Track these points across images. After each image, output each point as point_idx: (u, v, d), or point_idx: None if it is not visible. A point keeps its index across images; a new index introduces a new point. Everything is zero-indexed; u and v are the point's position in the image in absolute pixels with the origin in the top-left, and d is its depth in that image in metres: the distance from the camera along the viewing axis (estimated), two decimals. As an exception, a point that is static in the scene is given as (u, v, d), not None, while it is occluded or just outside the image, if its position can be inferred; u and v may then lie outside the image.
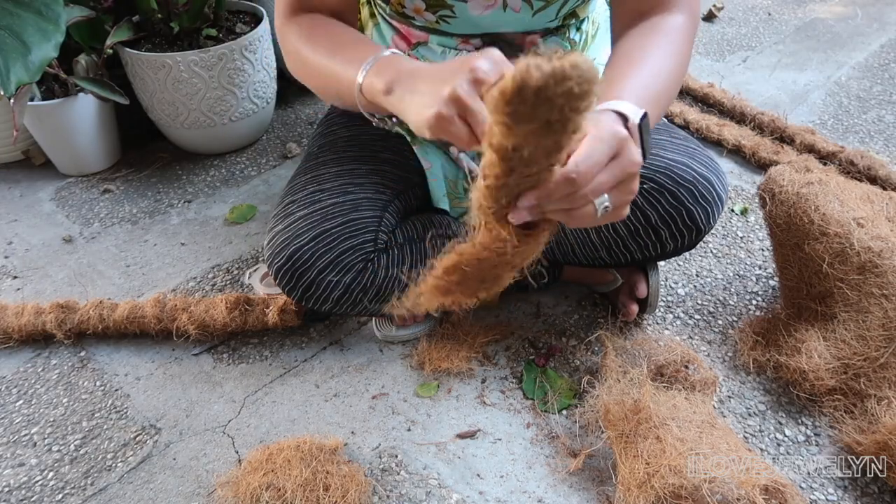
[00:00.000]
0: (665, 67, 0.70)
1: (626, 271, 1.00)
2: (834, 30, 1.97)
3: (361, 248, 0.84)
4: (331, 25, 0.78)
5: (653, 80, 0.68)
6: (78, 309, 1.02)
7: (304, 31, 0.78)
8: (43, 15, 1.09)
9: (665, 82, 0.70)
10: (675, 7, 0.75)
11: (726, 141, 1.40)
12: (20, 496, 0.82)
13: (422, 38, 0.88)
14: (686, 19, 0.75)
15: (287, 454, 0.79)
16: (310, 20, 0.79)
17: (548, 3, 0.80)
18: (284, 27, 0.80)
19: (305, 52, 0.76)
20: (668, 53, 0.71)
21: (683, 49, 0.74)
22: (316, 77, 0.76)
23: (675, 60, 0.72)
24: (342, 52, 0.72)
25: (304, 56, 0.76)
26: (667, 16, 0.74)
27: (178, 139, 1.46)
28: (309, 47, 0.76)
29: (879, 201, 0.94)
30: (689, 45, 0.75)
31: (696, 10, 0.77)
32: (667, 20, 0.74)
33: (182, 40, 1.37)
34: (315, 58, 0.74)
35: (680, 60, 0.73)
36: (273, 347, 1.01)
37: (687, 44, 0.75)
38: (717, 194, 0.83)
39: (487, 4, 0.79)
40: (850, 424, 0.83)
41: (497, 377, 0.95)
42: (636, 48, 0.72)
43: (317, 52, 0.74)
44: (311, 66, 0.76)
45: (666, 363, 0.90)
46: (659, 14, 0.75)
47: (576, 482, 0.81)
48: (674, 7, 0.75)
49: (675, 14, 0.75)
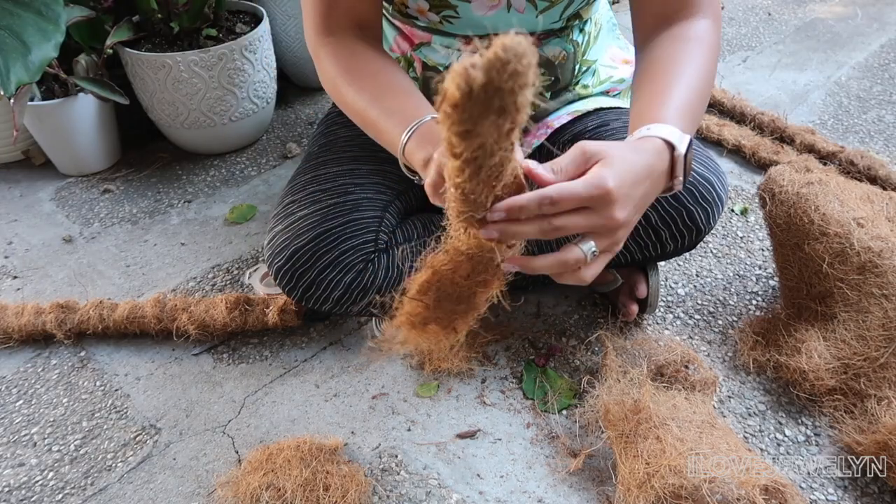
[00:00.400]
0: (700, 80, 0.69)
1: (626, 271, 1.00)
2: (834, 30, 1.97)
3: (362, 249, 0.84)
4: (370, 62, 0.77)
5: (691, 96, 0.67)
6: (78, 309, 1.02)
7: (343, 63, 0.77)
8: (43, 15, 1.09)
9: (701, 96, 0.69)
10: (698, 11, 0.73)
11: (726, 141, 1.40)
12: (20, 496, 0.82)
13: (425, 39, 0.88)
14: (711, 23, 0.74)
15: (287, 454, 0.79)
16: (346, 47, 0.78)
17: (552, 4, 0.80)
18: (319, 48, 0.79)
19: (345, 90, 0.76)
20: (701, 65, 0.70)
21: (713, 56, 0.72)
22: (355, 117, 0.77)
23: (708, 70, 0.71)
24: (382, 100, 0.73)
25: (344, 94, 0.76)
26: (693, 21, 0.73)
27: (178, 139, 1.46)
28: (349, 86, 0.76)
29: (879, 201, 0.94)
30: (717, 51, 0.74)
31: (718, 11, 0.75)
32: (693, 26, 0.73)
33: (182, 40, 1.37)
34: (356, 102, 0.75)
35: (711, 68, 0.72)
36: (273, 347, 1.01)
37: (716, 50, 0.73)
38: (717, 195, 0.83)
39: (491, 5, 0.79)
40: (850, 424, 0.83)
41: (497, 377, 0.95)
42: (670, 61, 0.70)
43: (359, 95, 0.75)
44: (352, 107, 0.76)
45: (666, 363, 0.90)
46: (684, 19, 0.73)
47: (576, 482, 0.81)
48: (697, 11, 0.73)
49: (700, 18, 0.73)
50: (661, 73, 0.69)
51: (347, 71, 0.76)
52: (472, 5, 0.79)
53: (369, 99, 0.74)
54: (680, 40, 0.72)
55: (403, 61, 0.92)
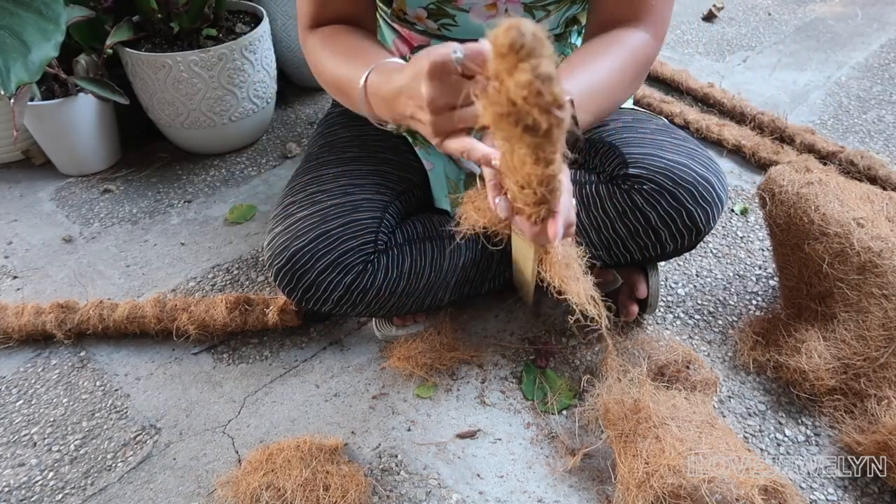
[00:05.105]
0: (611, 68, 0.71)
1: (626, 271, 1.00)
2: (834, 30, 1.97)
3: (362, 250, 0.84)
4: (348, 34, 0.78)
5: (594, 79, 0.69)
6: (78, 309, 1.02)
7: (324, 39, 0.78)
8: (43, 15, 1.09)
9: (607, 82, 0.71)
10: (642, 24, 0.77)
11: (726, 141, 1.40)
12: (20, 496, 0.82)
13: (423, 42, 0.88)
14: (649, 38, 0.77)
15: (287, 454, 0.79)
16: (330, 30, 0.79)
17: (549, 14, 0.80)
18: (307, 40, 0.80)
19: (322, 58, 0.77)
20: (613, 62, 0.72)
21: (638, 60, 0.75)
22: (331, 84, 0.77)
23: (625, 68, 0.73)
24: (354, 59, 0.73)
25: (322, 62, 0.77)
26: (630, 29, 0.76)
27: (178, 139, 1.46)
28: (326, 53, 0.76)
29: (879, 201, 0.94)
30: (646, 59, 0.77)
31: (661, 33, 0.78)
32: (627, 34, 0.76)
33: (182, 40, 1.37)
34: (330, 64, 0.75)
35: (631, 70, 0.74)
36: (273, 347, 1.01)
37: (644, 57, 0.76)
38: (716, 195, 0.83)
39: (489, 14, 0.79)
40: (850, 424, 0.83)
41: (497, 377, 0.95)
42: (589, 53, 0.73)
43: (332, 58, 0.75)
44: (327, 72, 0.76)
45: (667, 363, 0.90)
46: (625, 27, 0.76)
47: (575, 482, 0.81)
48: (640, 24, 0.77)
49: (639, 30, 0.76)
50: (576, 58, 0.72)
51: (326, 46, 0.77)
52: (470, 14, 0.80)
53: (341, 61, 0.74)
54: (609, 39, 0.75)
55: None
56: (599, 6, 0.78)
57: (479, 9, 0.78)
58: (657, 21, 0.77)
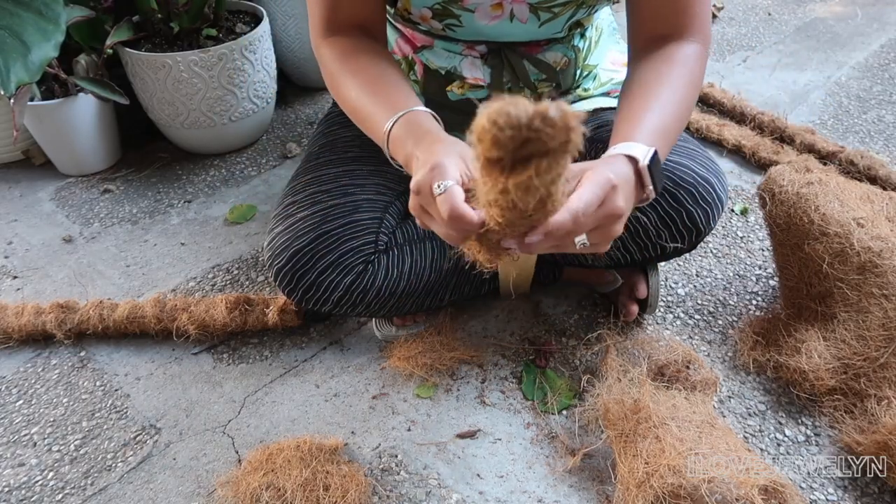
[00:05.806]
0: (677, 103, 0.72)
1: (626, 272, 1.00)
2: (834, 30, 1.97)
3: (362, 250, 0.84)
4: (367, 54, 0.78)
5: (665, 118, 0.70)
6: (78, 309, 1.02)
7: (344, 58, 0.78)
8: (43, 15, 1.09)
9: (677, 113, 0.71)
10: (690, 35, 0.76)
11: (726, 141, 1.40)
12: (20, 496, 0.82)
13: (427, 43, 0.88)
14: (700, 48, 0.76)
15: (287, 454, 0.79)
16: (348, 45, 0.78)
17: (555, 16, 0.80)
18: (321, 48, 0.80)
19: (341, 79, 0.77)
20: (680, 87, 0.73)
21: (696, 78, 0.75)
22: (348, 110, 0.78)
23: (688, 91, 0.73)
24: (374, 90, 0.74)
25: (342, 85, 0.77)
26: (682, 44, 0.75)
27: (177, 139, 1.46)
28: (346, 76, 0.76)
29: (879, 201, 0.94)
30: (702, 72, 0.77)
31: (708, 36, 0.78)
32: (682, 49, 0.75)
33: (182, 40, 1.37)
34: (352, 92, 0.76)
35: (692, 90, 0.74)
36: (273, 347, 1.01)
37: (700, 71, 0.76)
38: (717, 196, 0.83)
39: (494, 15, 0.79)
40: (850, 424, 0.83)
41: (497, 377, 0.95)
42: (653, 82, 0.73)
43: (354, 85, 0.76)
44: (345, 99, 0.77)
45: (667, 363, 0.90)
46: (675, 41, 0.76)
47: (575, 482, 0.81)
48: (689, 35, 0.76)
49: (690, 42, 0.76)
50: (642, 94, 0.72)
51: (344, 64, 0.77)
52: (475, 15, 0.79)
53: (361, 89, 0.75)
54: (666, 62, 0.74)
55: (405, 63, 0.92)
56: (642, 22, 0.77)
57: (484, 9, 0.78)
58: (703, 27, 0.76)
